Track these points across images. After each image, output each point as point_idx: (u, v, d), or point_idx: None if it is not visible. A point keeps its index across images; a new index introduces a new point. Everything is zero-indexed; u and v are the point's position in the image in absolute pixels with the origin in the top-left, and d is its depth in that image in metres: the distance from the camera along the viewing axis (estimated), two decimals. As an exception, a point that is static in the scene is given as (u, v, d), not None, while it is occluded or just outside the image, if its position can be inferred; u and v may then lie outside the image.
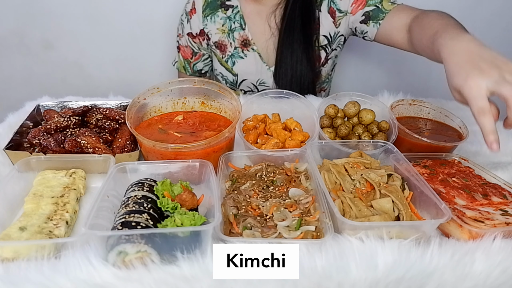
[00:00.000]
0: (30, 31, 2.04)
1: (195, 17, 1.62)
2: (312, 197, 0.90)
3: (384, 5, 1.45)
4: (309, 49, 1.54)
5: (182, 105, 1.22)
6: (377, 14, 1.46)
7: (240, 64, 1.65)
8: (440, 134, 1.22)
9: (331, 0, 1.54)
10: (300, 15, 1.51)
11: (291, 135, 1.14)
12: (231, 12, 1.59)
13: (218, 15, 1.60)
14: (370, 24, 1.48)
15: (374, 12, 1.46)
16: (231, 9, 1.59)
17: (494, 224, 0.83)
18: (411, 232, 0.81)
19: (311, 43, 1.55)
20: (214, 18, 1.60)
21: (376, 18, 1.46)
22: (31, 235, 0.78)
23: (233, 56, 1.64)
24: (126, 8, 2.00)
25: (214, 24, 1.61)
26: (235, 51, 1.63)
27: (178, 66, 1.79)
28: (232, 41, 1.62)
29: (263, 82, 1.67)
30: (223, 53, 1.65)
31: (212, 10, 1.60)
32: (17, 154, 1.02)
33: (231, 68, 1.66)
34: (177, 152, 0.98)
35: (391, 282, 0.76)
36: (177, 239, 0.73)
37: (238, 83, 1.70)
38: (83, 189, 0.96)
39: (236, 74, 1.67)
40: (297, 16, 1.50)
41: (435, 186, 0.97)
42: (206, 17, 1.61)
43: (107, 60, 2.16)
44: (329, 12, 1.55)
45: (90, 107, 1.22)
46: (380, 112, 1.24)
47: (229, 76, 1.68)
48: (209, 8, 1.60)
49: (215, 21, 1.60)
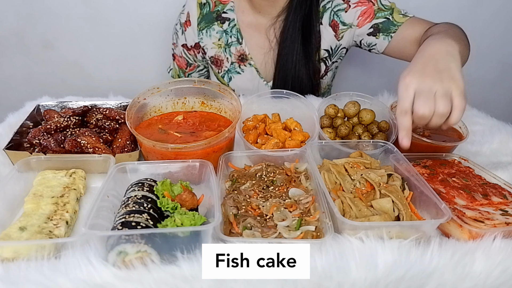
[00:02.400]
0: (30, 31, 2.04)
1: (190, 30, 1.56)
2: (312, 197, 0.90)
3: (396, 17, 1.40)
4: (309, 63, 1.49)
5: (182, 105, 1.22)
6: (388, 27, 1.41)
7: (236, 79, 1.60)
8: (440, 134, 1.22)
9: (334, 13, 1.48)
10: (300, 27, 1.45)
11: (291, 135, 1.14)
12: (227, 26, 1.53)
13: (214, 28, 1.54)
14: (380, 37, 1.43)
15: (385, 24, 1.41)
16: (228, 22, 1.53)
17: (494, 224, 0.83)
18: (411, 232, 0.81)
19: (311, 57, 1.49)
20: (209, 31, 1.54)
21: (387, 31, 1.41)
22: (31, 235, 0.78)
23: (229, 72, 1.59)
24: (126, 8, 2.00)
25: (210, 38, 1.55)
26: (231, 66, 1.58)
27: (172, 74, 1.76)
28: (229, 56, 1.56)
29: None
30: (219, 68, 1.60)
31: (208, 23, 1.54)
32: (17, 154, 1.02)
33: (227, 84, 1.62)
34: (177, 152, 0.98)
35: (391, 282, 0.76)
36: (177, 239, 0.73)
37: None
38: (83, 189, 0.96)
39: (232, 90, 1.64)
40: (298, 28, 1.44)
41: (435, 186, 0.97)
42: (201, 30, 1.54)
43: (107, 60, 2.16)
44: (330, 25, 1.49)
45: (90, 107, 1.22)
46: (380, 112, 1.24)
47: None
48: (205, 21, 1.53)
49: (211, 35, 1.55)
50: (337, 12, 1.48)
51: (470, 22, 2.20)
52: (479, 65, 2.33)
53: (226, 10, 1.53)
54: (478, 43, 2.24)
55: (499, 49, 2.26)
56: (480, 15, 2.12)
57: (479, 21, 2.13)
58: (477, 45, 2.25)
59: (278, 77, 1.53)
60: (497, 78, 2.38)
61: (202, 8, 1.54)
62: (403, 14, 1.42)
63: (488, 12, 2.12)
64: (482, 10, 2.11)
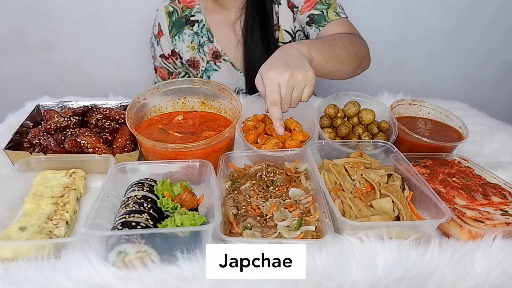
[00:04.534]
0: (30, 31, 2.04)
1: (164, 39, 1.62)
2: (312, 197, 0.90)
3: (329, 13, 1.45)
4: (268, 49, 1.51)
5: (182, 105, 1.22)
6: (319, 20, 1.46)
7: (215, 76, 1.64)
8: (440, 134, 1.22)
9: None
10: (257, 15, 1.50)
11: (291, 135, 1.14)
12: (197, 27, 1.58)
13: (186, 32, 1.59)
14: (313, 28, 1.48)
15: (318, 17, 1.47)
16: (197, 24, 1.58)
17: (494, 224, 0.83)
18: (411, 232, 0.81)
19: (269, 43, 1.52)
20: (181, 36, 1.60)
21: (318, 24, 1.47)
22: (31, 235, 0.78)
23: (207, 71, 1.64)
24: (126, 8, 2.00)
25: (183, 42, 1.60)
26: (208, 65, 1.63)
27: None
28: (204, 56, 1.61)
29: (241, 89, 1.67)
30: (196, 70, 1.65)
31: (179, 29, 1.59)
32: (17, 154, 1.02)
33: None
34: (177, 152, 0.98)
35: (391, 282, 0.76)
36: (177, 239, 0.73)
37: None
38: (83, 189, 0.96)
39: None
40: (255, 17, 1.49)
41: (435, 186, 0.97)
42: (173, 37, 1.60)
43: (107, 60, 2.16)
44: (289, 6, 1.52)
45: (90, 107, 1.22)
46: (380, 112, 1.24)
47: None
48: (175, 28, 1.59)
49: (184, 39, 1.60)
50: None
51: (470, 22, 2.20)
52: (479, 65, 2.33)
53: (193, 13, 1.59)
54: (478, 43, 2.25)
55: (499, 49, 2.27)
56: (480, 15, 2.12)
57: (480, 21, 2.13)
58: (478, 45, 2.26)
59: (248, 67, 1.57)
60: (497, 78, 2.38)
61: (171, 16, 1.60)
62: (337, 13, 1.46)
63: (488, 12, 2.12)
64: (482, 10, 2.11)
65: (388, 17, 2.10)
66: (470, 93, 2.34)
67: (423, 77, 2.34)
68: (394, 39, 2.15)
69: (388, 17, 2.10)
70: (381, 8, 2.11)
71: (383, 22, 2.13)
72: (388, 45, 2.23)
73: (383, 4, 2.04)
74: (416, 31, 2.18)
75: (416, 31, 2.18)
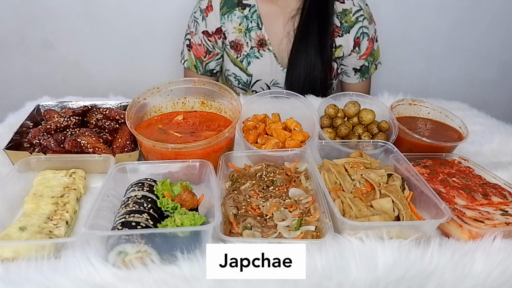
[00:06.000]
0: (30, 31, 2.04)
1: (212, 15, 1.60)
2: (312, 197, 0.90)
3: (371, 68, 1.71)
4: (324, 52, 1.56)
5: (182, 105, 1.22)
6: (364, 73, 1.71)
7: (255, 64, 1.64)
8: (440, 134, 1.22)
9: (361, 34, 1.62)
10: (316, 19, 1.53)
11: (291, 135, 1.14)
12: (248, 11, 1.59)
13: (235, 13, 1.59)
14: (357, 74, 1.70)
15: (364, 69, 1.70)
16: (248, 8, 1.59)
17: (494, 224, 0.83)
18: (411, 232, 0.81)
19: (325, 47, 1.56)
20: (231, 16, 1.59)
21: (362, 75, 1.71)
22: (31, 235, 0.78)
23: (248, 56, 1.63)
24: (126, 8, 2.00)
25: (231, 22, 1.60)
26: (251, 50, 1.62)
27: (188, 65, 1.72)
28: (249, 41, 1.61)
29: (277, 82, 1.67)
30: (238, 53, 1.64)
31: (229, 9, 1.59)
32: (17, 154, 1.02)
33: (246, 68, 1.65)
34: (177, 152, 0.98)
35: (391, 282, 0.76)
36: (177, 239, 0.73)
37: (251, 84, 1.69)
38: (83, 189, 0.96)
39: (250, 75, 1.66)
40: (313, 20, 1.53)
41: (435, 186, 0.97)
42: (223, 15, 1.59)
43: (107, 60, 2.16)
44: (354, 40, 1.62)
45: (90, 107, 1.22)
46: (380, 112, 1.24)
47: (243, 76, 1.67)
48: (227, 6, 1.59)
49: (232, 19, 1.60)
50: (363, 34, 1.63)
51: (470, 22, 2.20)
52: (479, 65, 2.33)
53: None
54: (478, 43, 2.25)
55: (499, 49, 2.26)
56: (480, 15, 2.12)
57: (479, 21, 2.13)
58: (478, 45, 2.26)
59: (292, 65, 1.59)
60: (497, 78, 2.38)
61: None
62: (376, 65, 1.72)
63: (488, 13, 2.12)
64: (482, 10, 2.11)
65: (388, 17, 2.09)
66: (470, 93, 2.34)
67: (423, 77, 2.34)
68: (394, 39, 2.15)
69: (388, 17, 2.10)
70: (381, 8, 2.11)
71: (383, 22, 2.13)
72: (388, 45, 2.23)
73: (383, 4, 2.04)
74: (416, 31, 2.18)
75: (416, 31, 2.18)
